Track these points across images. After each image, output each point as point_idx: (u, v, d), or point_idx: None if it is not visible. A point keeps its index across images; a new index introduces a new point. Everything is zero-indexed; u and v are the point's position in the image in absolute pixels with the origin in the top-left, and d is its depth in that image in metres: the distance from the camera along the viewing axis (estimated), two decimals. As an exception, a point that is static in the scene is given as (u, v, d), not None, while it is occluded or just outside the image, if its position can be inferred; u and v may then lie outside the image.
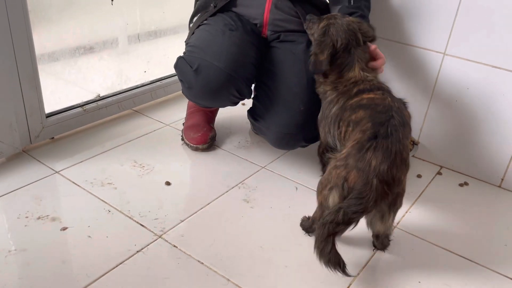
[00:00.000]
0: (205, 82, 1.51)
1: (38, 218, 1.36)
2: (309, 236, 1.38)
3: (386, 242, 1.35)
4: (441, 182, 1.75)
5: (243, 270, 1.24)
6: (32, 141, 1.68)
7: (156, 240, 1.32)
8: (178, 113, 2.05)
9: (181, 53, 1.63)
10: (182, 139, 1.83)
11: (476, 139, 1.72)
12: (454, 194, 1.68)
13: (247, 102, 1.80)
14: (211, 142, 1.80)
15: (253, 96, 1.69)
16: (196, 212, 1.45)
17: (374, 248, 1.36)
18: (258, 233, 1.38)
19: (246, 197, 1.54)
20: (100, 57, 1.98)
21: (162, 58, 2.20)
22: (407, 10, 1.71)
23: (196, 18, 1.70)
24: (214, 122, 1.91)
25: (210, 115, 1.88)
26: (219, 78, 1.49)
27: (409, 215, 1.52)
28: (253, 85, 1.66)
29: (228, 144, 1.86)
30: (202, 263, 1.25)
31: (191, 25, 1.72)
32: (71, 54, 1.86)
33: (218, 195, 1.54)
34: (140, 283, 1.17)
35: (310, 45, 1.56)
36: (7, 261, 1.20)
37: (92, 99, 1.89)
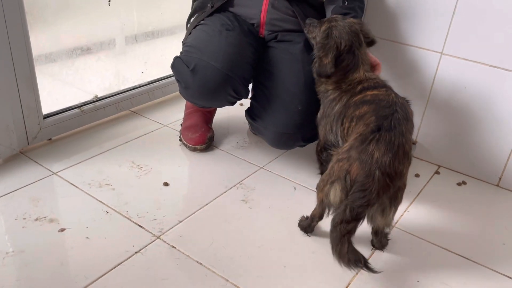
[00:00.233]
0: (202, 82, 1.50)
1: (36, 219, 1.36)
2: (307, 236, 1.38)
3: (384, 242, 1.35)
4: (439, 181, 1.75)
5: (242, 270, 1.24)
6: (29, 142, 1.68)
7: (154, 241, 1.31)
8: (176, 113, 2.05)
9: (178, 53, 1.63)
10: (180, 140, 1.83)
11: (474, 138, 1.73)
12: (452, 193, 1.68)
13: (245, 102, 1.80)
14: (209, 142, 1.80)
15: (250, 96, 1.69)
16: (194, 212, 1.45)
17: (373, 247, 1.36)
18: (256, 233, 1.38)
19: (245, 197, 1.54)
20: (97, 58, 1.98)
21: (159, 58, 2.20)
22: (405, 9, 1.72)
23: (193, 19, 1.70)
24: (212, 122, 1.91)
25: (208, 116, 1.88)
26: (216, 78, 1.49)
27: (407, 215, 1.52)
28: (250, 85, 1.66)
29: (226, 144, 1.86)
30: (201, 264, 1.25)
31: (188, 25, 1.72)
32: (68, 55, 1.85)
33: (216, 196, 1.53)
34: (138, 284, 1.16)
35: (307, 45, 1.56)
36: (5, 262, 1.20)
37: (89, 100, 1.88)
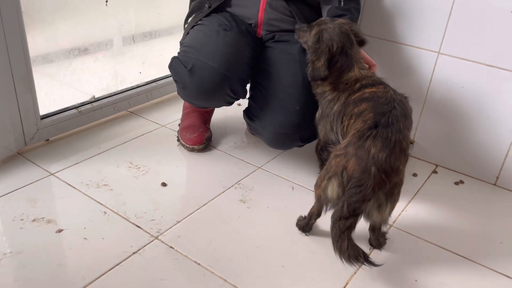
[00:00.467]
0: (199, 82, 1.50)
1: (34, 220, 1.35)
2: (305, 235, 1.38)
3: (382, 241, 1.35)
4: (436, 180, 1.75)
5: (240, 270, 1.24)
6: (27, 143, 1.67)
7: (152, 241, 1.31)
8: (173, 114, 2.05)
9: (176, 54, 1.63)
10: (178, 140, 1.83)
11: (471, 138, 1.73)
12: (449, 193, 1.68)
13: (243, 103, 1.80)
14: (207, 142, 1.80)
15: (248, 96, 1.69)
16: (192, 213, 1.45)
17: (371, 246, 1.36)
18: (254, 233, 1.38)
19: (243, 197, 1.54)
20: (95, 58, 1.98)
21: (157, 59, 2.19)
22: (402, 9, 1.72)
23: (191, 19, 1.70)
24: (210, 122, 1.91)
25: (206, 116, 1.88)
26: (214, 78, 1.49)
27: (405, 214, 1.53)
28: (248, 85, 1.66)
29: (224, 144, 1.86)
30: (199, 264, 1.25)
31: (186, 25, 1.72)
32: (66, 55, 1.85)
33: (214, 196, 1.53)
34: (136, 285, 1.16)
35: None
36: (3, 264, 1.19)
37: (87, 101, 1.88)
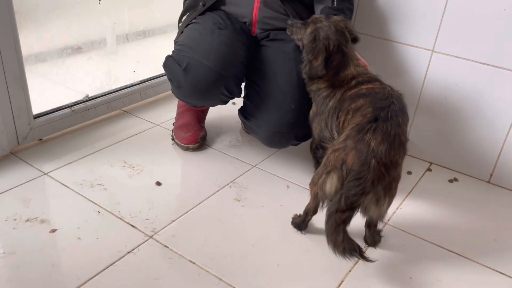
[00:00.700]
0: (194, 81, 1.50)
1: (27, 220, 1.34)
2: (301, 233, 1.38)
3: (377, 239, 1.36)
4: (431, 178, 1.76)
5: (235, 269, 1.23)
6: (20, 142, 1.66)
7: (147, 240, 1.31)
8: (168, 113, 2.04)
9: (170, 52, 1.62)
10: (173, 139, 1.82)
11: (465, 135, 1.74)
12: (444, 190, 1.69)
13: (238, 101, 1.80)
14: (202, 141, 1.79)
15: (243, 95, 1.69)
16: (187, 212, 1.44)
17: (366, 244, 1.36)
18: (249, 232, 1.38)
19: (238, 196, 1.54)
20: (88, 57, 1.96)
21: (151, 57, 2.18)
22: (396, 7, 1.72)
23: (185, 17, 1.70)
24: (204, 121, 1.91)
25: (201, 115, 1.88)
26: (208, 77, 1.48)
27: (400, 212, 1.53)
28: (243, 84, 1.66)
29: (219, 143, 1.86)
30: (194, 263, 1.24)
31: (180, 24, 1.71)
32: (59, 54, 1.83)
33: (209, 195, 1.53)
34: (131, 284, 1.16)
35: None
36: (-4, 264, 1.18)
37: (80, 100, 1.87)
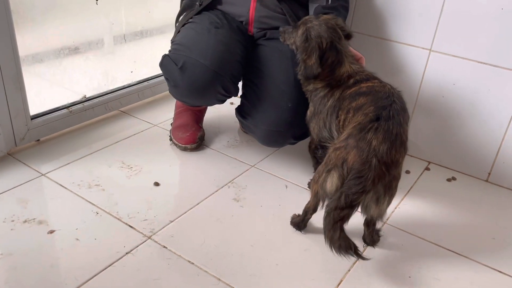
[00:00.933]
0: (191, 80, 1.49)
1: (25, 221, 1.34)
2: (300, 233, 1.38)
3: (376, 238, 1.36)
4: (429, 177, 1.76)
5: (234, 269, 1.23)
6: (17, 143, 1.65)
7: (145, 241, 1.30)
8: (166, 113, 2.04)
9: (167, 52, 1.62)
10: (171, 139, 1.82)
11: (463, 134, 1.74)
12: (442, 189, 1.69)
13: (236, 101, 1.80)
14: (200, 141, 1.79)
15: (240, 94, 1.68)
16: (185, 212, 1.44)
17: (364, 243, 1.36)
18: (248, 232, 1.38)
19: (236, 196, 1.54)
20: (85, 57, 1.96)
21: (148, 58, 2.18)
22: (393, 7, 1.72)
23: (182, 17, 1.69)
24: (202, 121, 1.90)
25: (199, 115, 1.87)
26: (205, 76, 1.48)
27: (398, 211, 1.53)
28: (240, 83, 1.66)
29: (217, 143, 1.85)
30: (193, 263, 1.24)
31: (177, 24, 1.71)
32: (56, 55, 1.83)
33: (207, 195, 1.53)
34: (130, 285, 1.15)
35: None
36: (-7, 266, 1.18)
37: (78, 100, 1.86)
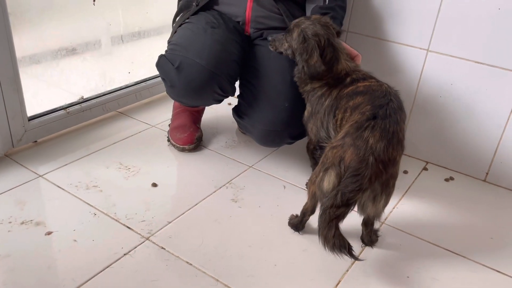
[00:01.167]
0: (187, 80, 1.49)
1: (22, 223, 1.33)
2: (298, 233, 1.38)
3: (374, 238, 1.36)
4: (427, 177, 1.76)
5: (232, 270, 1.23)
6: (14, 145, 1.65)
7: (143, 242, 1.30)
8: (163, 114, 2.04)
9: (163, 52, 1.62)
10: (168, 140, 1.82)
11: (460, 134, 1.74)
12: (440, 189, 1.69)
13: (234, 102, 1.80)
14: (198, 142, 1.79)
15: (237, 94, 1.68)
16: (183, 213, 1.44)
17: (363, 243, 1.36)
18: (246, 232, 1.38)
19: (234, 196, 1.54)
20: (83, 58, 1.96)
21: (146, 58, 2.18)
22: (391, 7, 1.72)
23: (178, 18, 1.69)
24: (200, 122, 1.90)
25: (196, 115, 1.87)
26: (202, 76, 1.48)
27: (396, 211, 1.53)
28: (237, 83, 1.66)
29: (215, 144, 1.85)
30: (191, 264, 1.24)
31: (174, 24, 1.71)
32: (53, 56, 1.83)
33: (205, 196, 1.53)
34: (128, 287, 1.15)
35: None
36: (-10, 267, 1.17)
37: (75, 101, 1.86)
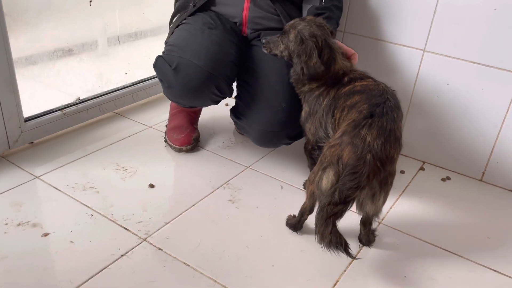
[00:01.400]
0: (185, 81, 1.49)
1: (19, 224, 1.33)
2: (296, 234, 1.38)
3: (372, 238, 1.36)
4: (424, 177, 1.77)
5: (230, 270, 1.23)
6: (10, 146, 1.64)
7: (140, 243, 1.30)
8: (160, 114, 2.03)
9: (161, 53, 1.61)
10: (166, 141, 1.81)
11: (457, 134, 1.75)
12: (437, 189, 1.70)
13: (231, 103, 1.80)
14: (195, 143, 1.79)
15: (235, 95, 1.68)
16: (181, 214, 1.43)
17: (360, 243, 1.36)
18: (244, 233, 1.38)
19: (232, 197, 1.54)
20: (79, 59, 1.95)
21: (143, 59, 2.17)
22: (387, 7, 1.73)
23: (175, 18, 1.69)
24: (197, 123, 1.90)
25: (193, 116, 1.87)
26: (199, 76, 1.48)
27: (393, 211, 1.54)
28: (234, 83, 1.66)
29: (212, 144, 1.85)
30: (188, 265, 1.24)
31: (171, 25, 1.71)
32: (50, 56, 1.82)
33: (203, 196, 1.52)
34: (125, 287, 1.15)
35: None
36: (-13, 269, 1.17)
37: (72, 102, 1.85)
